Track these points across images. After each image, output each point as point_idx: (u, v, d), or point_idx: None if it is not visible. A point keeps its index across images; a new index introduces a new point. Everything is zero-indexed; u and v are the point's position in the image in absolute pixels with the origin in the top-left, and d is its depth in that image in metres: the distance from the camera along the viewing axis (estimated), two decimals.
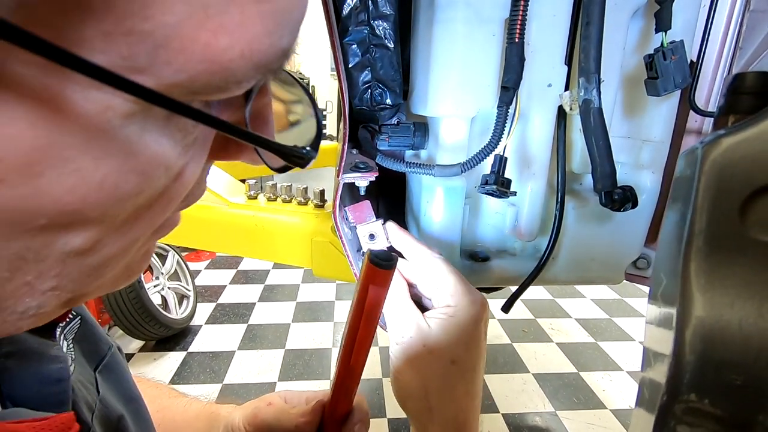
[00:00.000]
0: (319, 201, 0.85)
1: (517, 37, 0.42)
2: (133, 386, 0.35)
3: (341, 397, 0.37)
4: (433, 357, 0.36)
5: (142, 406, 0.35)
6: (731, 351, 0.18)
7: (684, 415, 0.18)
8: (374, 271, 0.28)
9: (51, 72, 0.12)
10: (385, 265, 0.27)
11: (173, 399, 0.48)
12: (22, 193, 0.13)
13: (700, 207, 0.18)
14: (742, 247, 0.18)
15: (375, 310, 0.30)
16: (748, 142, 0.18)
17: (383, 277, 0.28)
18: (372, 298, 0.29)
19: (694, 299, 0.18)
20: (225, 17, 0.13)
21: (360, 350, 0.32)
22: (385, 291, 0.29)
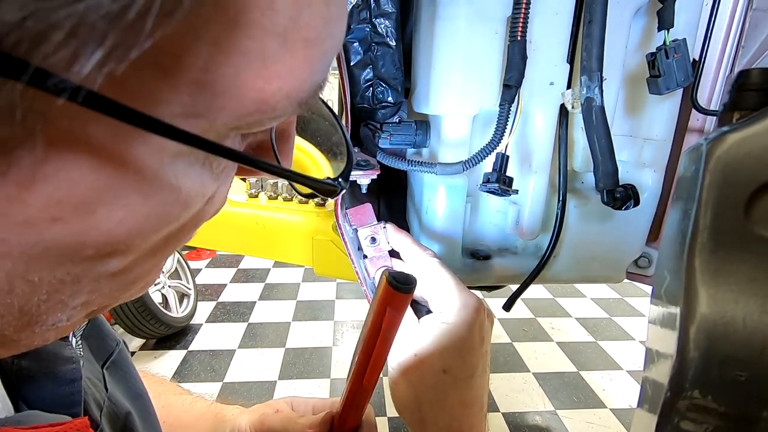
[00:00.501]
0: (320, 200, 0.85)
1: (520, 34, 0.42)
2: (139, 383, 0.35)
3: (351, 412, 0.37)
4: (423, 366, 0.36)
5: (148, 403, 0.35)
6: (735, 347, 0.18)
7: (688, 412, 0.18)
8: (392, 294, 0.27)
9: (118, 126, 0.12)
10: (404, 289, 0.27)
11: (178, 396, 0.48)
12: (75, 229, 0.13)
13: (704, 203, 0.18)
14: (746, 243, 0.18)
15: (391, 333, 0.30)
16: (753, 138, 0.18)
17: (401, 300, 0.28)
18: (388, 322, 0.29)
19: (698, 296, 0.18)
20: (279, 66, 0.14)
21: (374, 371, 0.32)
22: (402, 314, 0.29)
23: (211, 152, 0.14)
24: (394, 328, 0.29)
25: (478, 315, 0.37)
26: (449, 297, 0.38)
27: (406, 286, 0.27)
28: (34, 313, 0.15)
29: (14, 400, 0.23)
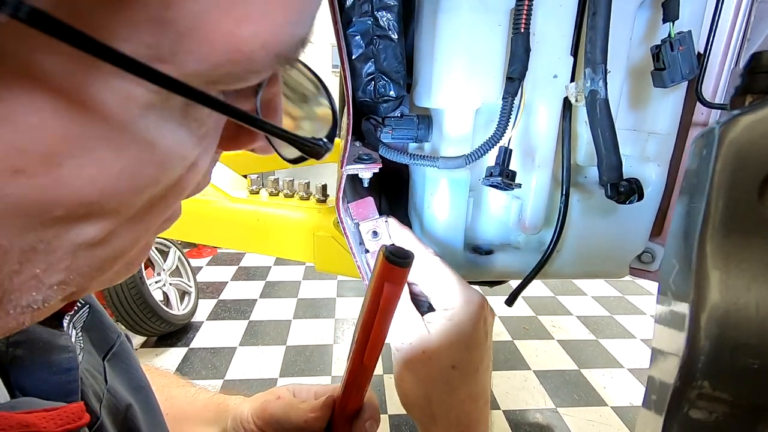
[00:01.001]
0: (321, 196, 0.84)
1: (523, 27, 0.41)
2: (141, 375, 0.35)
3: (352, 394, 0.37)
4: (433, 363, 0.36)
5: (150, 395, 0.35)
6: (748, 334, 0.17)
7: (698, 401, 0.18)
8: (389, 269, 0.27)
9: (76, 60, 0.11)
10: (401, 263, 0.27)
11: (181, 388, 0.48)
12: (42, 183, 0.12)
13: (717, 187, 0.18)
14: (760, 227, 0.18)
15: (389, 309, 0.29)
16: (765, 120, 0.17)
17: (399, 275, 0.28)
18: (387, 297, 0.28)
19: (709, 282, 0.18)
20: (249, 7, 0.13)
21: (373, 349, 0.32)
22: (401, 289, 0.29)
23: (175, 91, 0.13)
24: (392, 303, 0.29)
25: (482, 310, 0.38)
26: (452, 293, 0.38)
27: (404, 260, 0.27)
28: (7, 288, 0.14)
29: (10, 389, 0.23)
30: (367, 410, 0.39)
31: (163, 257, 2.21)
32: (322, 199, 0.84)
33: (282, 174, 3.18)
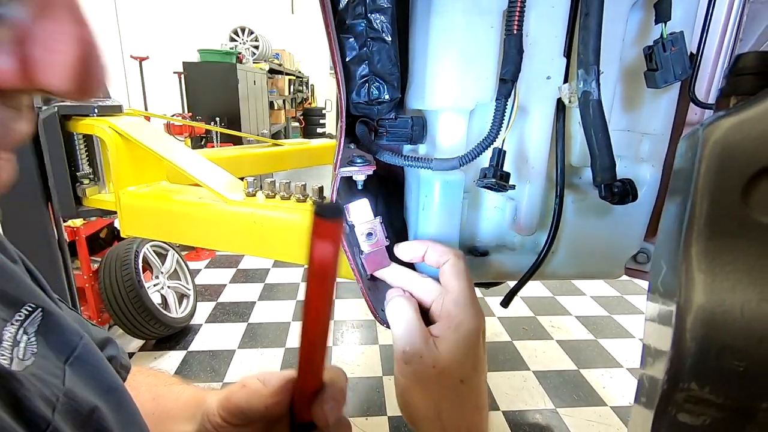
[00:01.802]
0: (318, 198, 0.84)
1: (516, 28, 0.41)
2: (112, 376, 0.34)
3: (307, 373, 0.34)
4: (443, 378, 0.36)
5: (124, 397, 0.34)
6: (733, 336, 0.17)
7: (685, 403, 0.18)
8: (319, 224, 0.25)
9: None
10: (331, 216, 0.25)
11: (169, 387, 0.47)
12: None
13: (701, 189, 0.18)
14: (744, 229, 0.18)
15: (325, 270, 0.27)
16: (749, 122, 0.17)
17: (330, 230, 0.25)
18: (319, 256, 0.26)
19: (695, 284, 0.18)
20: None
21: (316, 318, 0.29)
22: (334, 247, 0.26)
23: None
24: (328, 264, 0.26)
25: (483, 323, 0.38)
26: (464, 305, 0.38)
27: (334, 213, 0.25)
28: None
29: None
30: (328, 390, 0.36)
31: (161, 260, 2.21)
32: (319, 202, 0.84)
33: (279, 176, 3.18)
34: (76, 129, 0.92)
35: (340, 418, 0.36)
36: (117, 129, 0.90)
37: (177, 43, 4.66)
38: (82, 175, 0.95)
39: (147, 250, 2.10)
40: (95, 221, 2.00)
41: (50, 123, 0.88)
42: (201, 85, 4.15)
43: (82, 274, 1.91)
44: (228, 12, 5.69)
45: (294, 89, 6.91)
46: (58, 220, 1.00)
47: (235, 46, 5.17)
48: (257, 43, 5.27)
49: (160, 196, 0.91)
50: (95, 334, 0.44)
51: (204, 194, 0.89)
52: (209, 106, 4.08)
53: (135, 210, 0.90)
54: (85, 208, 0.98)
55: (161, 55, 4.19)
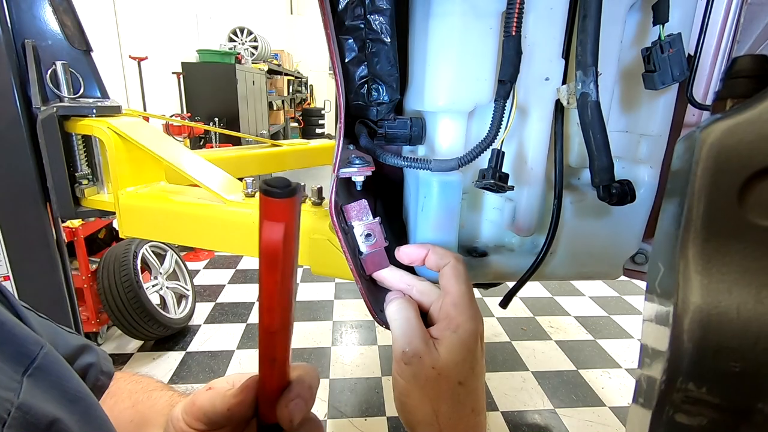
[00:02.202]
0: (317, 199, 0.84)
1: (514, 30, 0.42)
2: (78, 385, 0.33)
3: (268, 369, 0.32)
4: (442, 379, 0.36)
5: (92, 406, 0.33)
6: (729, 337, 0.17)
7: (683, 404, 0.18)
8: (268, 203, 0.23)
9: None
10: (280, 194, 0.22)
11: (149, 393, 0.46)
12: None
13: (698, 192, 0.18)
14: (740, 231, 0.18)
15: (274, 254, 0.24)
16: (745, 125, 0.17)
17: (280, 209, 0.23)
18: (268, 238, 0.23)
19: (691, 286, 0.18)
20: None
21: (270, 308, 0.27)
22: (286, 228, 0.24)
23: None
24: (278, 247, 0.24)
25: (482, 325, 0.38)
26: (463, 307, 0.38)
27: (283, 190, 0.22)
28: None
29: None
30: (294, 388, 0.34)
31: (159, 261, 2.21)
32: (318, 202, 0.84)
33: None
34: (75, 129, 0.92)
35: (307, 417, 0.35)
36: (116, 129, 0.90)
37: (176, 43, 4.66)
38: (81, 175, 0.95)
39: (146, 250, 2.10)
40: (94, 222, 1.99)
41: (49, 123, 0.88)
42: (200, 86, 4.15)
43: (81, 275, 1.91)
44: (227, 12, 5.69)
45: (293, 90, 6.91)
46: (56, 221, 1.00)
47: (234, 46, 5.17)
48: (256, 44, 5.26)
49: (159, 197, 0.91)
50: (70, 341, 0.43)
51: (203, 195, 0.89)
52: (208, 107, 4.08)
53: (134, 210, 0.90)
54: (83, 209, 0.97)
55: (160, 55, 4.18)
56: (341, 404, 1.75)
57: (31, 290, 0.98)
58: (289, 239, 0.24)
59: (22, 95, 0.89)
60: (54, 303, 1.02)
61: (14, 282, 0.96)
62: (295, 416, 0.32)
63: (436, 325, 0.39)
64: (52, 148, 0.90)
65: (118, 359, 1.99)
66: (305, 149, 1.56)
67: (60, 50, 0.93)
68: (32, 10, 0.90)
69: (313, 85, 8.52)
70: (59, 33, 0.93)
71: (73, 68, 0.95)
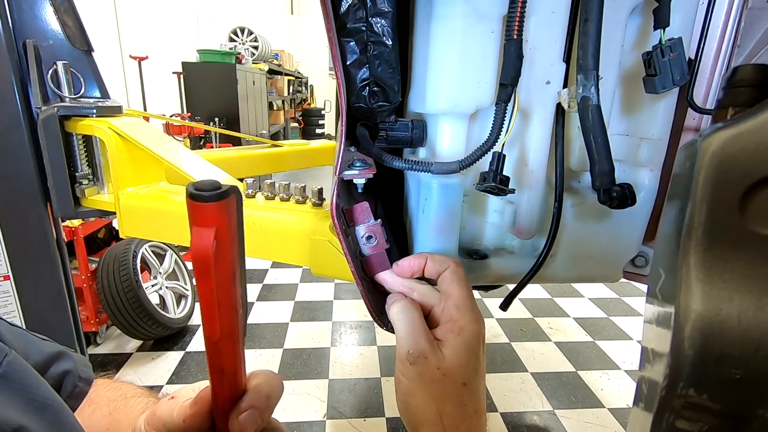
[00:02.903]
0: (317, 199, 0.84)
1: (516, 33, 0.42)
2: (46, 392, 0.33)
3: (217, 381, 0.31)
4: (447, 380, 0.36)
5: (61, 412, 0.33)
6: (730, 345, 0.18)
7: (683, 410, 0.18)
8: (195, 207, 0.21)
9: None
10: (207, 197, 0.21)
11: (126, 400, 0.46)
12: None
13: (699, 200, 0.18)
14: (741, 239, 0.18)
15: (206, 260, 0.23)
16: (747, 134, 0.18)
17: (209, 213, 0.22)
18: (197, 244, 0.22)
19: (693, 293, 0.18)
20: None
21: (212, 317, 0.25)
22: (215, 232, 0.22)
23: None
24: (206, 254, 0.22)
25: (483, 327, 0.38)
26: (464, 308, 0.38)
27: (208, 193, 0.21)
28: None
29: None
30: (247, 398, 0.33)
31: (159, 260, 2.21)
32: (318, 203, 0.84)
33: (278, 177, 3.18)
34: (75, 129, 0.92)
35: (268, 426, 0.34)
36: (116, 129, 0.90)
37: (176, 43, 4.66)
38: (81, 175, 0.95)
39: (145, 250, 2.10)
40: (93, 221, 1.99)
41: (49, 123, 0.88)
42: (200, 86, 4.15)
43: (80, 275, 1.90)
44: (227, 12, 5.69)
45: (293, 90, 6.91)
46: (56, 221, 0.99)
47: (235, 46, 5.17)
48: (256, 44, 5.26)
49: (159, 197, 0.91)
50: (44, 348, 0.43)
51: None
52: (208, 107, 4.08)
53: (134, 210, 0.90)
54: (83, 209, 0.97)
55: (160, 55, 4.18)
56: (340, 405, 1.75)
57: (30, 289, 0.98)
58: (223, 244, 0.23)
59: (23, 95, 0.89)
60: (53, 302, 1.02)
61: (14, 281, 0.96)
62: (247, 428, 0.31)
63: (439, 327, 0.40)
64: (52, 148, 0.90)
65: (117, 359, 1.99)
66: (305, 149, 1.56)
67: (61, 50, 0.93)
68: (33, 10, 0.90)
69: (314, 86, 8.52)
70: (60, 33, 0.93)
71: (74, 68, 0.95)
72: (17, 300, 0.97)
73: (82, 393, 0.45)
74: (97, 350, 2.05)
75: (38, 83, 0.90)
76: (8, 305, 0.96)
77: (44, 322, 1.02)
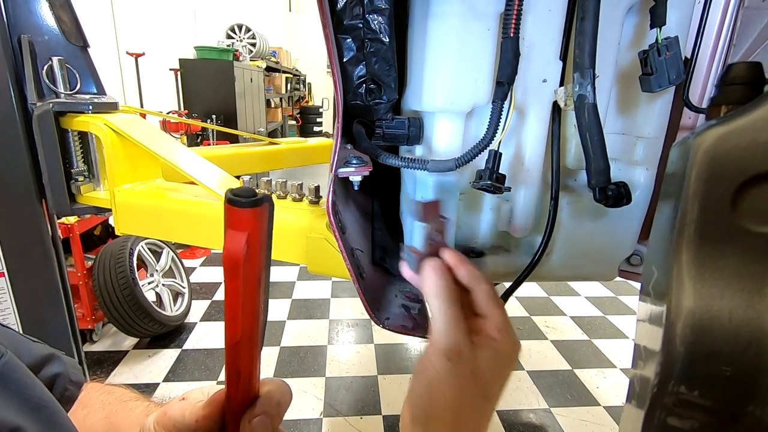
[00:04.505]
0: (314, 197, 0.84)
1: (512, 31, 0.42)
2: (42, 393, 0.33)
3: (233, 384, 0.31)
4: (474, 388, 0.37)
5: (56, 414, 0.33)
6: (721, 342, 0.18)
7: (675, 407, 0.18)
8: (232, 212, 0.23)
9: None
10: (244, 203, 0.22)
11: (123, 404, 0.46)
12: None
13: (691, 197, 0.18)
14: (732, 237, 0.18)
15: (237, 262, 0.24)
16: (739, 132, 0.18)
17: (244, 218, 0.23)
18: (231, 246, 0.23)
19: (684, 290, 0.18)
20: None
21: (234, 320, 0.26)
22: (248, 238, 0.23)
23: None
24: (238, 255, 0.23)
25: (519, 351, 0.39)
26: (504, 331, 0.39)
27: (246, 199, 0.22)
28: None
29: None
30: (259, 404, 0.33)
31: (156, 258, 2.20)
32: (315, 201, 0.84)
33: (275, 175, 3.17)
34: (71, 126, 0.92)
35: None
36: (112, 126, 0.89)
37: (173, 39, 4.63)
38: (77, 172, 0.94)
39: (142, 247, 2.09)
40: (89, 218, 1.98)
41: (45, 119, 0.88)
42: (197, 83, 4.13)
43: (76, 272, 1.90)
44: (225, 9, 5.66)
45: (291, 87, 6.88)
46: (51, 217, 0.99)
47: (232, 43, 5.14)
48: (254, 41, 5.24)
49: (156, 194, 0.91)
50: (35, 351, 0.43)
51: (200, 192, 0.89)
52: (206, 104, 4.06)
53: (130, 207, 0.90)
54: (79, 205, 0.97)
55: (157, 51, 4.15)
56: (337, 402, 1.75)
57: (25, 287, 0.98)
58: (254, 249, 0.24)
59: (18, 91, 0.89)
60: (49, 299, 1.01)
61: (9, 278, 0.96)
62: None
63: (479, 337, 0.39)
64: (47, 145, 0.89)
65: (113, 356, 1.99)
66: (303, 147, 1.56)
67: (56, 46, 0.93)
68: (28, 5, 0.90)
69: (311, 83, 8.49)
70: (56, 28, 0.92)
71: (70, 64, 0.94)
72: (12, 297, 0.97)
73: (73, 396, 0.45)
74: (93, 348, 2.04)
75: (33, 79, 0.89)
76: (3, 302, 0.96)
77: (39, 319, 1.01)
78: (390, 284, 0.61)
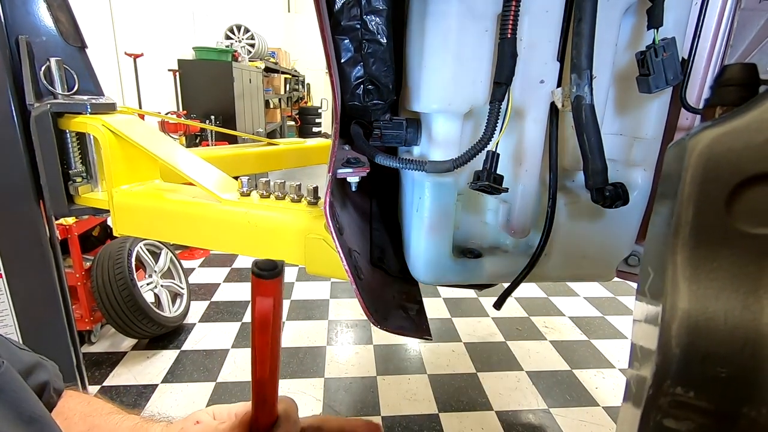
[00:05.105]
0: (312, 198, 0.84)
1: (510, 32, 0.42)
2: (34, 406, 0.33)
3: (260, 408, 0.38)
4: None
5: (47, 426, 0.33)
6: (716, 343, 0.18)
7: (670, 408, 0.18)
8: (259, 283, 0.29)
9: None
10: (267, 275, 0.28)
11: (105, 417, 0.45)
12: None
13: (686, 199, 0.18)
14: (727, 239, 0.18)
15: (265, 322, 0.30)
16: (734, 133, 0.18)
17: (268, 287, 0.29)
18: (260, 310, 0.30)
19: (680, 292, 0.18)
20: None
21: (263, 362, 0.33)
22: (273, 300, 0.30)
23: None
24: (267, 316, 0.30)
25: None
26: None
27: (269, 272, 0.28)
28: None
29: None
30: (281, 424, 0.38)
31: (154, 259, 2.20)
32: (314, 202, 0.84)
33: (273, 176, 3.17)
34: (69, 126, 0.91)
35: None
36: (110, 127, 0.89)
37: (172, 40, 4.63)
38: (75, 173, 0.94)
39: (140, 248, 2.08)
40: (87, 219, 1.98)
41: (42, 120, 0.88)
42: (196, 83, 4.12)
43: (74, 273, 1.89)
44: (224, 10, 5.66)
45: (290, 88, 6.88)
46: (49, 218, 0.99)
47: (231, 44, 5.14)
48: (253, 41, 5.24)
49: (154, 195, 0.91)
50: (23, 358, 0.42)
51: (198, 193, 0.89)
52: (204, 105, 4.05)
53: (128, 209, 0.90)
54: (77, 206, 0.97)
55: (156, 52, 4.15)
56: (336, 403, 1.75)
57: (23, 288, 0.98)
58: (277, 308, 0.30)
59: (16, 92, 0.89)
60: (47, 301, 1.01)
61: (6, 280, 0.95)
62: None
63: None
64: (45, 145, 0.89)
65: (111, 357, 1.98)
66: (302, 148, 1.56)
67: (54, 46, 0.93)
68: (26, 6, 0.90)
69: (310, 84, 8.49)
70: (53, 29, 0.92)
71: (68, 65, 0.94)
72: (9, 299, 0.96)
73: (53, 404, 0.45)
74: (92, 349, 2.04)
75: (31, 80, 0.89)
76: (1, 304, 0.96)
77: (37, 320, 1.01)
78: (388, 285, 0.61)
